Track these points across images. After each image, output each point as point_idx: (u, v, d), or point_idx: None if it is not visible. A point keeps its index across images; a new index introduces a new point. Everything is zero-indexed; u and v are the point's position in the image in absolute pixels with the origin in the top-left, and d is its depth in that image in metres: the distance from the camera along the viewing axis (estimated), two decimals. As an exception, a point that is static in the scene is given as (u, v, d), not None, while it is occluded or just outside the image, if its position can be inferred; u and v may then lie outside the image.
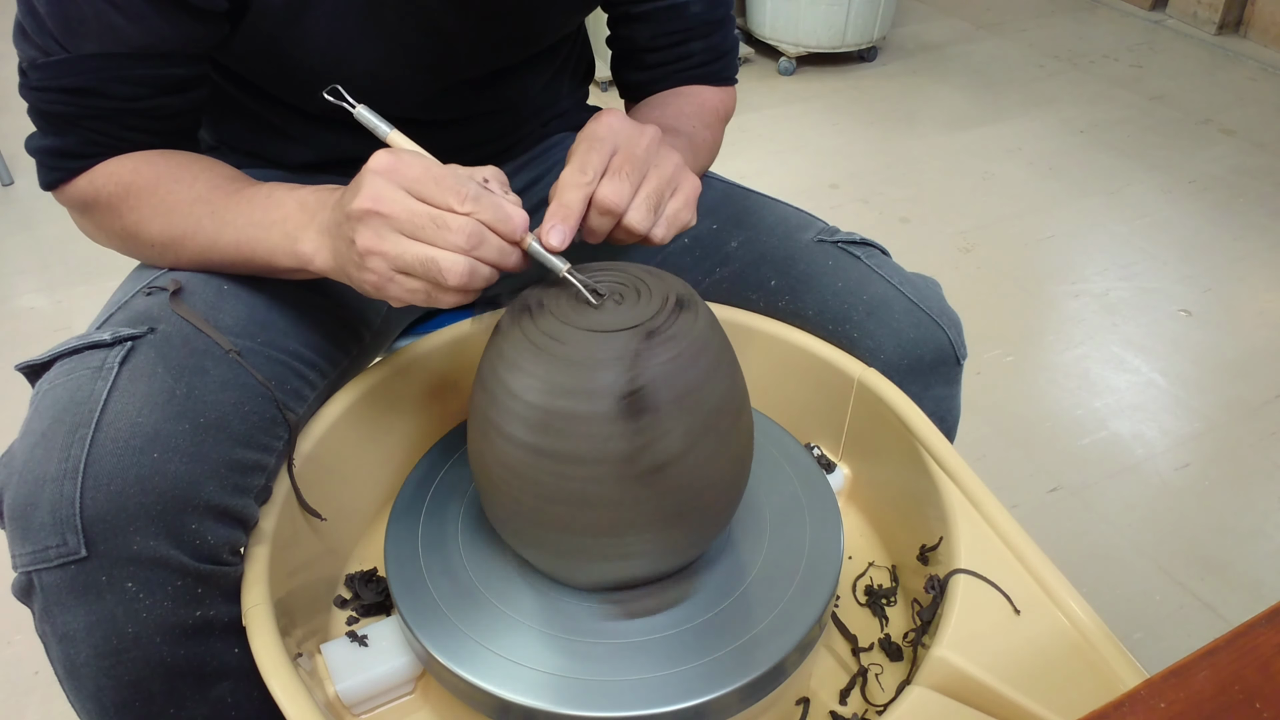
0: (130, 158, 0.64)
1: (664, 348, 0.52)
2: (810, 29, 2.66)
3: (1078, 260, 1.98)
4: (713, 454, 0.54)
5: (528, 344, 0.53)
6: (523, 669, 0.55)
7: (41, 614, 0.53)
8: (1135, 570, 1.30)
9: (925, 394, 0.75)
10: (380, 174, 0.51)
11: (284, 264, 0.60)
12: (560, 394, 0.51)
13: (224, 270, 0.65)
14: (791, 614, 0.58)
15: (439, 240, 0.51)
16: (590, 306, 0.54)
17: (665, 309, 0.54)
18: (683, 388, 0.52)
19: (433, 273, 0.51)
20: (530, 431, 0.52)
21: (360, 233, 0.52)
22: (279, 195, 0.61)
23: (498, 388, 0.53)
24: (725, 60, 0.84)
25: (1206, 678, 0.37)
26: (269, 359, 0.64)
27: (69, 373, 0.56)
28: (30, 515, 0.51)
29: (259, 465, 0.60)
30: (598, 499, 0.52)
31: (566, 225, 0.55)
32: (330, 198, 0.58)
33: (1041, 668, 0.54)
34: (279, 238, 0.59)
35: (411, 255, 0.51)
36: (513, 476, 0.54)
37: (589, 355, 0.51)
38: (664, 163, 0.59)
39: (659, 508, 0.53)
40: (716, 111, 0.83)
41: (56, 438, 0.52)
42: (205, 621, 0.56)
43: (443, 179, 0.51)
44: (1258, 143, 2.42)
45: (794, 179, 2.25)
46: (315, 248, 0.58)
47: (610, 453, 0.51)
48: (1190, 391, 1.63)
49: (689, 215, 0.60)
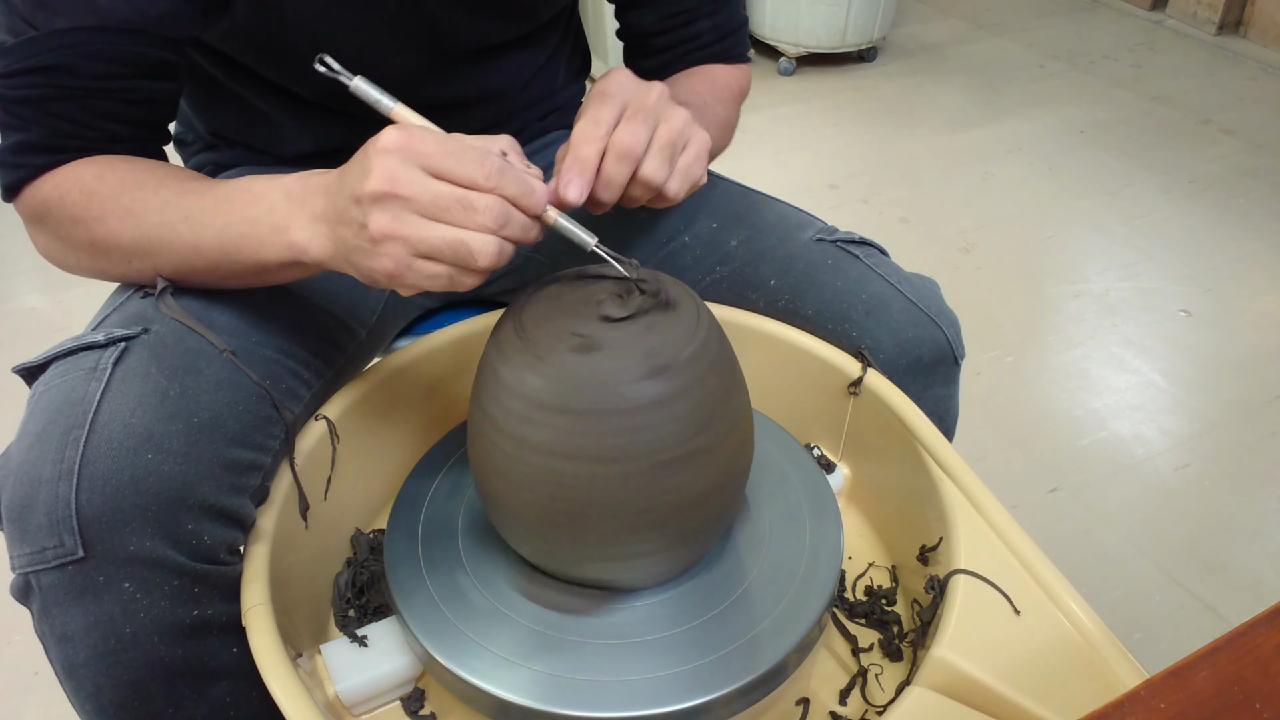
0: (93, 162, 0.61)
1: (665, 347, 0.52)
2: (810, 29, 2.66)
3: (1078, 260, 1.98)
4: (713, 454, 0.54)
5: (528, 343, 0.53)
6: (523, 669, 0.55)
7: (40, 615, 0.53)
8: (1135, 570, 1.30)
9: (924, 393, 0.75)
10: (393, 152, 0.48)
11: (275, 258, 0.56)
12: (560, 394, 0.51)
13: (207, 278, 0.61)
14: (791, 614, 0.58)
15: (467, 221, 0.48)
16: (599, 315, 0.54)
17: (666, 309, 0.54)
18: (684, 387, 0.52)
19: (463, 255, 0.49)
20: (530, 431, 0.52)
21: (374, 217, 0.48)
22: (259, 188, 0.57)
23: (497, 387, 0.53)
24: (735, 37, 0.83)
25: (1206, 678, 0.37)
26: (263, 358, 0.63)
27: (64, 374, 0.56)
28: (27, 517, 0.51)
29: (254, 465, 0.59)
30: (598, 499, 0.52)
31: (583, 179, 0.54)
32: (320, 182, 0.54)
33: (1041, 668, 0.54)
34: (266, 231, 0.55)
35: (438, 238, 0.48)
36: (513, 476, 0.53)
37: (590, 355, 0.51)
38: (674, 116, 0.57)
39: (660, 508, 0.53)
40: (730, 89, 0.81)
41: (51, 439, 0.52)
42: (203, 621, 0.55)
43: (463, 154, 0.49)
44: (1258, 143, 2.42)
45: (794, 179, 2.25)
46: (309, 236, 0.54)
47: (611, 453, 0.51)
48: (1190, 391, 1.63)
49: (700, 170, 0.59)
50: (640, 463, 0.51)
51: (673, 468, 0.52)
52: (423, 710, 0.62)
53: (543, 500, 0.53)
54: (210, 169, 0.83)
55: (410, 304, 0.84)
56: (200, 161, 0.84)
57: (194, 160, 0.85)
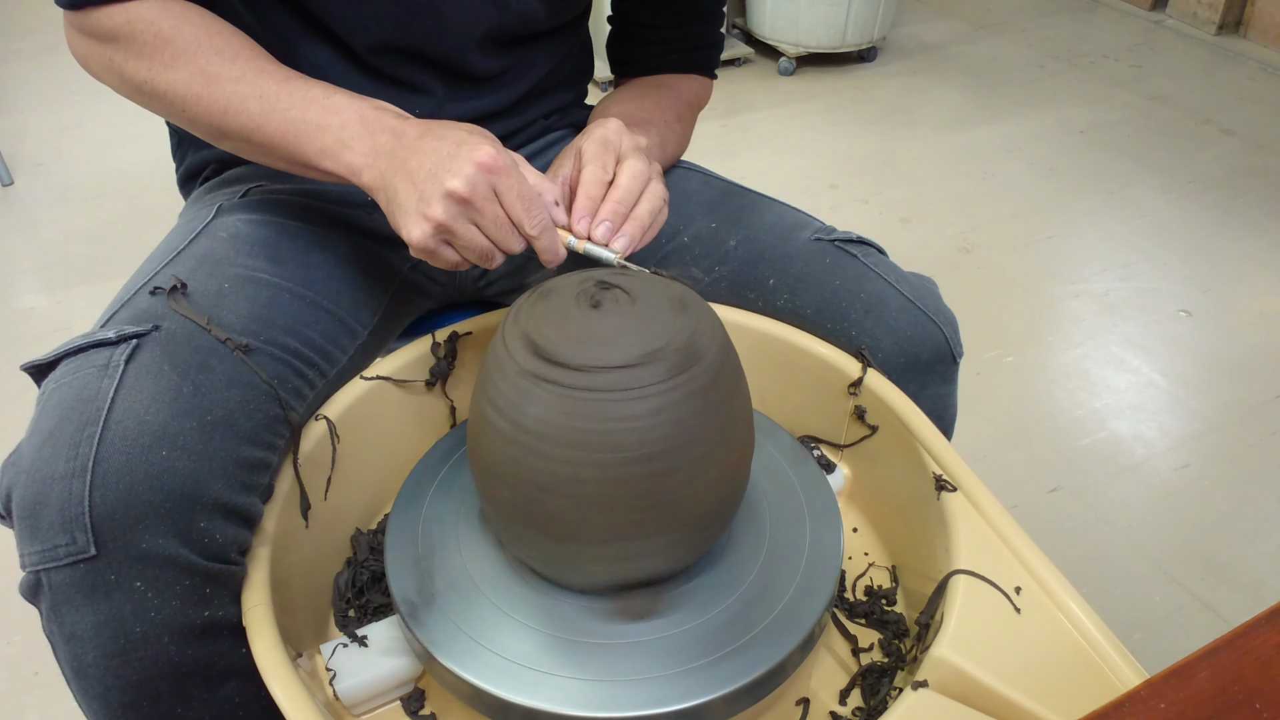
0: (169, 10, 0.63)
1: (668, 347, 0.52)
2: (810, 29, 2.66)
3: (1078, 260, 1.98)
4: (714, 454, 0.54)
5: (531, 341, 0.53)
6: (523, 669, 0.55)
7: (49, 613, 0.53)
8: (1135, 570, 1.30)
9: (923, 392, 0.75)
10: (485, 169, 0.57)
11: (327, 166, 0.62)
12: (561, 393, 0.51)
13: (249, 152, 0.66)
14: (791, 614, 0.58)
15: (505, 244, 0.59)
16: (602, 314, 0.54)
17: (667, 309, 0.54)
18: (685, 386, 0.52)
19: (485, 259, 0.60)
20: (530, 432, 0.52)
21: (441, 206, 0.57)
22: (338, 100, 0.62)
23: (498, 389, 0.54)
24: (713, 51, 0.91)
25: (1206, 678, 0.37)
26: (271, 357, 0.64)
27: (75, 371, 0.56)
28: (39, 514, 0.51)
29: (264, 463, 0.60)
30: (599, 500, 0.52)
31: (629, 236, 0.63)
32: (394, 123, 0.61)
33: (1041, 668, 0.54)
34: (331, 141, 0.61)
35: (479, 246, 0.59)
36: (513, 476, 0.53)
37: (591, 355, 0.51)
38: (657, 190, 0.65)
39: (660, 508, 0.53)
40: (691, 104, 0.89)
41: (64, 436, 0.52)
42: (213, 622, 0.56)
43: (530, 202, 0.59)
44: (1258, 143, 2.42)
45: (794, 179, 2.25)
46: (366, 165, 0.61)
47: (612, 452, 0.51)
48: (1190, 391, 1.63)
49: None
50: (642, 465, 0.51)
51: (673, 467, 0.52)
52: (423, 710, 0.62)
53: (542, 500, 0.53)
54: (213, 167, 0.83)
55: (411, 304, 0.84)
56: (203, 158, 0.83)
57: (196, 156, 0.84)
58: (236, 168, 0.82)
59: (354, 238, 0.77)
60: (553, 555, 0.57)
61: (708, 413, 0.53)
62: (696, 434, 0.53)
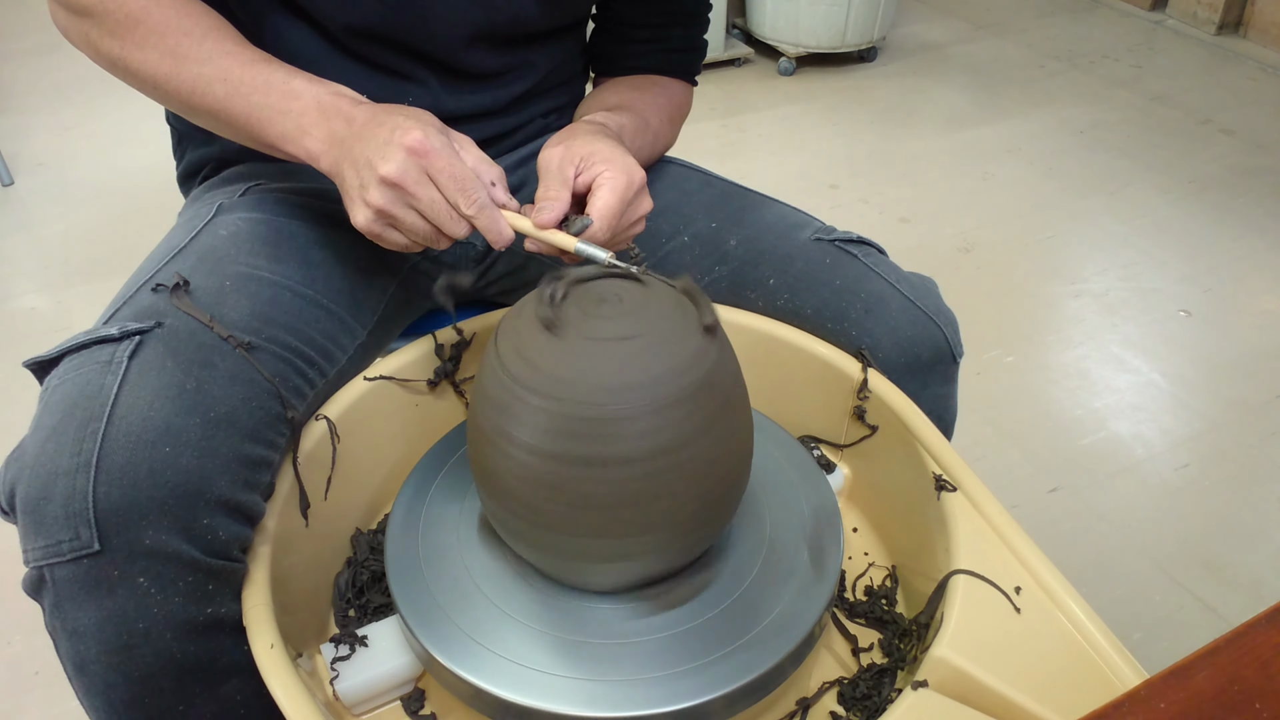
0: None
1: (668, 347, 0.52)
2: (810, 29, 2.66)
3: (1078, 260, 1.98)
4: (715, 454, 0.54)
5: (532, 340, 0.53)
6: (523, 669, 0.55)
7: (52, 609, 0.53)
8: (1135, 570, 1.30)
9: (923, 392, 0.75)
10: (413, 153, 0.57)
11: (290, 150, 0.64)
12: (561, 393, 0.51)
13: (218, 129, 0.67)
14: (791, 614, 0.58)
15: (445, 227, 0.59)
16: (601, 315, 0.54)
17: (668, 309, 0.54)
18: (686, 387, 0.52)
19: (431, 240, 0.60)
20: (530, 430, 0.52)
21: (378, 193, 0.58)
22: (297, 85, 0.63)
23: (504, 391, 0.53)
24: (696, 55, 0.91)
25: (1206, 678, 0.37)
26: (273, 355, 0.64)
27: (78, 367, 0.56)
28: (43, 509, 0.51)
29: (266, 461, 0.60)
30: (598, 501, 0.52)
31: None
32: (349, 110, 0.62)
33: (1041, 668, 0.54)
34: (291, 127, 0.63)
35: (422, 229, 0.59)
36: (511, 476, 0.53)
37: (592, 354, 0.51)
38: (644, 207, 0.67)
39: (660, 509, 0.53)
40: (680, 109, 0.90)
41: (68, 432, 0.52)
42: (215, 619, 0.56)
43: (464, 183, 0.58)
44: (1258, 143, 2.42)
45: (794, 179, 2.25)
46: (323, 151, 0.62)
47: (611, 452, 0.51)
48: (1190, 391, 1.63)
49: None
50: (640, 465, 0.51)
51: (673, 467, 0.52)
52: (423, 710, 0.62)
53: (541, 500, 0.53)
54: (212, 165, 0.83)
55: (412, 305, 0.84)
56: (203, 156, 0.83)
57: (195, 154, 0.84)
58: (236, 166, 0.82)
59: (354, 237, 0.77)
60: (553, 555, 0.57)
61: (707, 414, 0.53)
62: (695, 435, 0.53)
